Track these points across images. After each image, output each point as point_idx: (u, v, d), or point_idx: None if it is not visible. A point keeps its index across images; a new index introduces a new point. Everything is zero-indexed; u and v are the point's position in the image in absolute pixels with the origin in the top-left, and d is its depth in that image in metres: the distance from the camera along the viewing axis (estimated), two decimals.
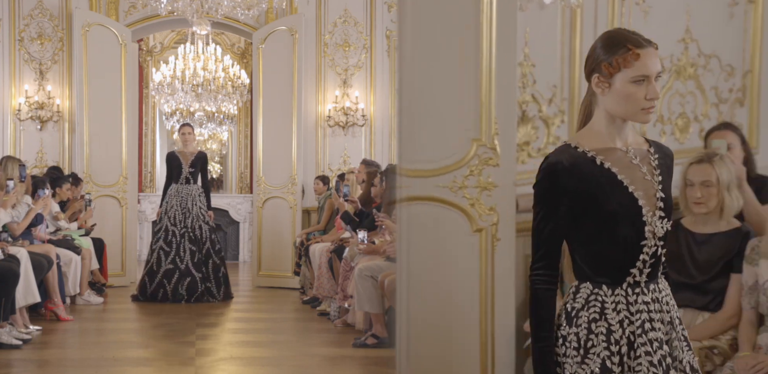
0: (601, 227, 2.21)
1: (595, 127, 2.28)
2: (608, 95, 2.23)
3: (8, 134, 10.50)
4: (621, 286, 2.23)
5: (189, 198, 9.31)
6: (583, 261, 2.26)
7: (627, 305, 2.22)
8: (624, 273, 2.23)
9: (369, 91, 10.81)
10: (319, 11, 10.78)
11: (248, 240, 13.97)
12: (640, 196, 2.22)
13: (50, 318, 7.59)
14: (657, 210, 2.24)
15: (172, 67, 11.86)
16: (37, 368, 5.77)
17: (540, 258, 2.26)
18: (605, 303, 2.22)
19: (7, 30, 10.47)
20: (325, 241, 8.78)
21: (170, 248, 9.22)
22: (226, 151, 15.51)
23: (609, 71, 2.21)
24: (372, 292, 6.42)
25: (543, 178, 2.23)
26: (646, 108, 2.21)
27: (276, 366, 5.80)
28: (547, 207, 2.23)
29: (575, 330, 2.23)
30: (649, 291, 2.25)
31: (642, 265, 2.23)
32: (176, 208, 9.29)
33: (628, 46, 2.19)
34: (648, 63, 2.19)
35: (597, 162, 2.23)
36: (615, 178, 2.22)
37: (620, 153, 2.26)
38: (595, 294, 2.24)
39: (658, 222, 2.23)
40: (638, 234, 2.22)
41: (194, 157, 9.42)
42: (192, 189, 9.37)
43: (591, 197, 2.20)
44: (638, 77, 2.19)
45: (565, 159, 2.21)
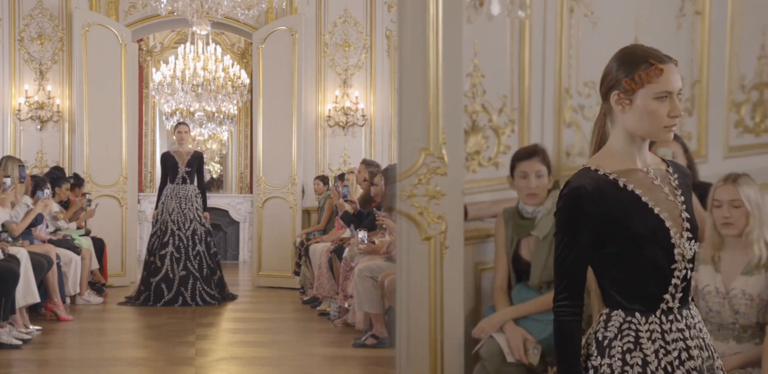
0: (629, 252, 2.12)
1: (614, 148, 2.20)
2: (629, 113, 2.15)
3: (8, 134, 10.50)
4: (655, 314, 2.14)
5: (186, 198, 9.09)
6: (612, 288, 2.16)
7: (662, 333, 2.13)
8: (657, 299, 2.14)
9: (369, 91, 10.81)
10: (319, 11, 10.78)
11: (248, 240, 13.97)
12: (666, 218, 2.14)
13: (50, 318, 7.59)
14: (684, 231, 2.16)
15: (172, 67, 11.86)
16: (37, 368, 5.77)
17: (564, 288, 2.15)
18: (639, 332, 2.13)
19: (7, 30, 10.48)
20: (325, 241, 8.78)
21: (180, 254, 8.97)
22: (226, 151, 15.51)
23: (631, 87, 2.13)
24: (372, 292, 6.42)
25: (566, 204, 2.13)
26: (668, 125, 2.14)
27: (276, 366, 5.80)
28: (570, 234, 2.13)
29: (608, 361, 2.13)
30: (683, 318, 2.16)
31: (674, 290, 2.15)
32: (178, 210, 9.06)
33: (650, 61, 2.12)
34: (671, 78, 2.12)
35: (620, 184, 2.14)
36: (639, 200, 2.14)
37: (641, 174, 2.19)
38: (629, 322, 2.14)
39: (687, 244, 2.16)
40: (668, 258, 2.14)
41: (190, 156, 9.17)
42: (188, 189, 9.13)
43: (617, 221, 2.11)
44: (661, 93, 2.12)
45: (588, 183, 2.12)
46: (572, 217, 2.12)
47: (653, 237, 2.12)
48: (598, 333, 2.17)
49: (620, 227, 2.11)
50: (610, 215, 2.11)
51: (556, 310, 2.15)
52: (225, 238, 14.55)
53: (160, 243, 9.02)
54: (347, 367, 5.87)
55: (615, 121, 2.19)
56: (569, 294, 2.14)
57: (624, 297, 2.15)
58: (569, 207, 2.12)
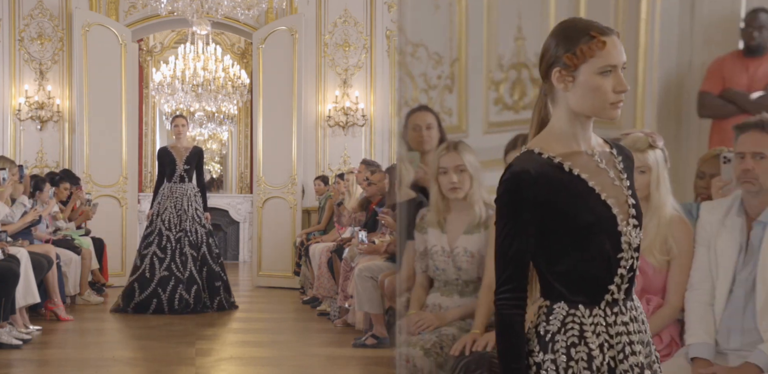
0: (576, 241, 1.98)
1: (557, 129, 2.04)
2: (572, 90, 1.99)
3: (8, 134, 10.50)
4: (599, 306, 2.01)
5: (184, 198, 8.37)
6: (555, 279, 2.02)
7: (606, 327, 2.00)
8: (602, 290, 2.01)
9: (369, 91, 10.81)
10: (319, 11, 10.78)
11: (248, 240, 13.97)
12: (613, 204, 2.01)
13: (50, 318, 7.59)
14: (630, 218, 2.03)
15: (172, 67, 11.86)
16: (37, 368, 5.77)
17: (507, 280, 2.00)
18: (584, 326, 1.99)
19: (7, 30, 10.47)
20: (325, 241, 8.78)
21: (165, 254, 8.24)
22: (226, 151, 15.51)
23: (573, 63, 1.98)
24: (372, 293, 6.41)
25: (507, 190, 1.97)
26: (614, 102, 1.99)
27: (276, 366, 5.80)
28: (513, 222, 1.97)
29: (552, 357, 1.99)
30: (627, 310, 2.04)
31: (620, 281, 2.02)
32: (170, 210, 8.34)
33: (591, 34, 1.97)
34: (614, 52, 1.98)
35: (565, 168, 1.99)
36: (586, 185, 1.99)
37: (586, 156, 2.04)
38: (572, 315, 2.00)
39: (633, 232, 2.02)
40: (614, 247, 2.00)
41: (189, 152, 8.48)
42: (187, 188, 8.43)
43: (563, 208, 1.97)
44: (605, 67, 1.97)
45: (531, 167, 1.96)
46: (515, 204, 1.97)
47: (600, 224, 1.99)
48: (540, 327, 2.03)
49: (566, 214, 1.97)
50: (555, 201, 1.97)
51: (499, 303, 2.00)
52: (225, 238, 14.55)
53: (146, 243, 8.41)
54: (347, 367, 5.87)
55: (557, 100, 2.04)
56: (513, 285, 1.99)
57: (567, 288, 2.01)
58: (512, 192, 1.97)
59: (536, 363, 2.01)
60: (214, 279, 8.40)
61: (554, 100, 2.05)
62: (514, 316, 1.99)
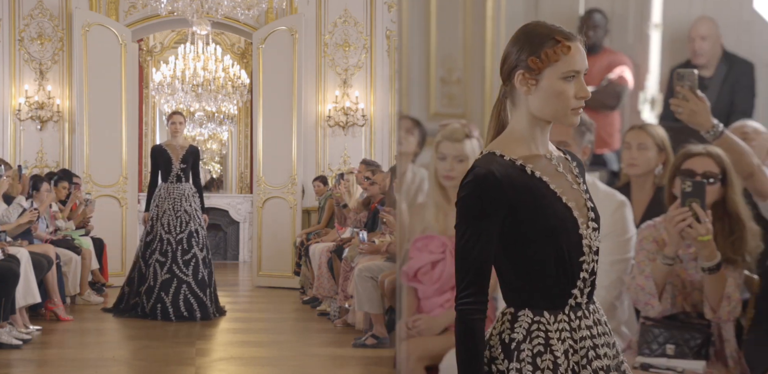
0: (538, 244, 1.96)
1: (517, 133, 2.02)
2: (534, 94, 1.98)
3: (8, 134, 10.51)
4: (563, 311, 1.98)
5: (182, 199, 7.97)
6: (518, 284, 1.99)
7: (571, 332, 1.98)
8: (565, 295, 1.98)
9: (369, 91, 10.81)
10: (319, 11, 10.78)
11: (248, 240, 13.97)
12: (573, 207, 1.99)
13: (50, 318, 7.59)
14: (589, 221, 2.01)
15: (172, 67, 11.85)
16: (37, 368, 5.77)
17: (469, 284, 1.94)
18: (549, 333, 1.96)
19: (7, 30, 10.48)
20: (325, 241, 8.78)
21: (165, 258, 7.86)
22: (226, 151, 15.51)
23: (537, 66, 1.96)
24: (372, 293, 6.42)
25: (471, 192, 1.93)
26: (575, 108, 1.98)
27: (276, 366, 5.80)
28: (476, 225, 1.93)
29: (517, 366, 1.95)
30: (590, 314, 2.02)
31: (582, 284, 1.99)
32: (170, 213, 7.92)
33: (556, 38, 1.97)
34: (578, 57, 1.98)
35: (528, 171, 1.98)
36: (548, 188, 1.98)
37: (545, 160, 2.03)
38: (537, 322, 1.97)
39: (593, 235, 2.01)
40: (576, 250, 1.98)
41: (185, 151, 8.09)
42: (184, 188, 8.01)
43: (527, 211, 1.95)
44: (569, 72, 1.97)
45: (496, 169, 1.94)
46: (479, 206, 1.93)
47: (563, 227, 1.97)
48: (504, 335, 1.99)
49: (529, 217, 1.95)
50: (519, 204, 1.94)
51: (461, 308, 1.95)
52: (225, 238, 14.55)
53: (149, 250, 7.96)
54: (347, 367, 5.87)
55: (517, 103, 2.02)
56: (474, 290, 1.94)
57: (530, 293, 1.98)
58: (477, 194, 1.92)
59: (500, 371, 1.97)
60: (204, 286, 7.93)
61: (514, 103, 2.03)
62: (476, 322, 1.94)
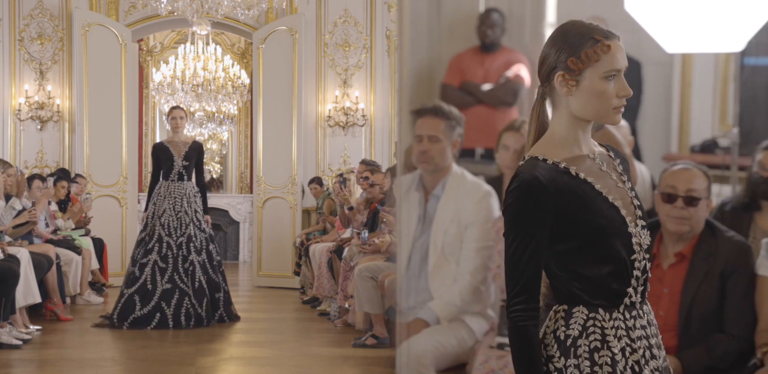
0: (589, 245, 1.95)
1: (558, 135, 2.01)
2: (576, 95, 1.96)
3: (8, 134, 10.51)
4: (618, 309, 1.97)
5: (183, 198, 7.55)
6: (571, 284, 1.97)
7: (627, 330, 1.97)
8: (620, 293, 1.97)
9: (369, 91, 10.81)
10: (319, 11, 10.78)
11: (248, 240, 13.97)
12: (621, 206, 1.98)
13: (50, 318, 7.59)
14: (638, 219, 2.00)
15: (172, 67, 11.85)
16: (37, 368, 5.77)
17: (521, 291, 1.94)
18: (605, 329, 1.95)
19: (7, 30, 10.48)
20: (326, 241, 8.79)
21: (166, 264, 7.42)
22: (226, 151, 15.51)
23: (577, 67, 1.94)
24: (372, 293, 6.42)
25: (519, 198, 1.92)
26: (617, 106, 1.97)
27: (276, 366, 5.80)
28: (525, 232, 1.93)
29: (575, 362, 1.94)
30: (644, 314, 2.01)
31: (636, 283, 1.98)
32: (170, 213, 7.50)
33: (596, 38, 1.95)
34: (618, 56, 1.96)
35: (572, 173, 1.96)
36: (594, 189, 1.97)
37: (589, 160, 2.01)
38: (593, 319, 1.96)
39: (642, 233, 2.00)
40: (627, 249, 1.97)
41: (188, 147, 7.67)
42: (186, 187, 7.59)
43: (575, 213, 1.93)
44: (610, 72, 1.95)
45: (541, 174, 1.92)
46: (528, 213, 1.92)
47: (612, 227, 1.95)
48: (559, 332, 1.97)
49: (579, 219, 1.94)
50: (567, 207, 1.93)
51: (513, 315, 1.94)
52: (225, 238, 14.56)
53: (143, 250, 7.53)
54: (347, 367, 5.87)
55: (558, 105, 2.01)
56: (527, 296, 1.94)
57: (586, 292, 1.96)
58: (524, 201, 1.92)
59: (557, 369, 1.95)
60: (215, 290, 7.62)
61: (554, 104, 2.02)
62: (530, 328, 1.94)
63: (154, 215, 7.54)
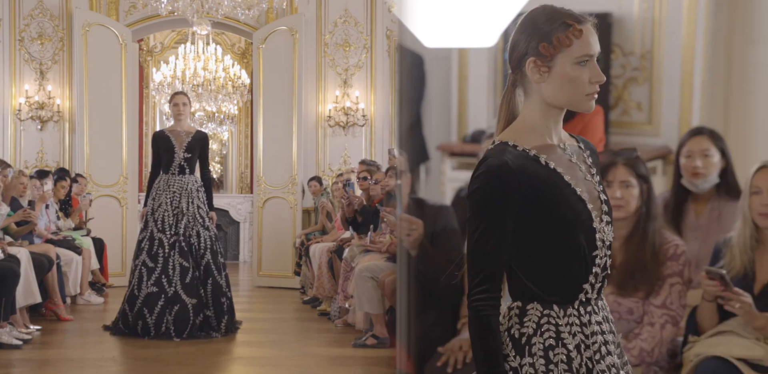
0: (552, 237, 1.89)
1: (529, 122, 1.94)
2: (548, 81, 1.90)
3: (8, 134, 10.51)
4: (573, 305, 1.92)
5: (183, 193, 6.85)
6: (528, 278, 1.92)
7: (581, 326, 1.92)
8: (576, 289, 1.92)
9: (369, 91, 10.81)
10: (319, 11, 10.78)
11: (248, 240, 13.98)
12: (587, 199, 1.92)
13: (50, 318, 7.59)
14: (603, 214, 1.95)
15: (172, 67, 11.87)
16: (37, 368, 5.77)
17: (484, 279, 1.87)
18: (559, 327, 1.91)
19: (7, 30, 10.48)
20: (326, 241, 8.79)
21: (155, 263, 6.73)
22: (227, 151, 15.52)
23: (549, 52, 1.88)
24: (372, 293, 6.42)
25: (486, 183, 1.86)
26: (590, 93, 1.91)
27: (276, 366, 5.80)
28: (491, 218, 1.86)
29: (530, 360, 1.90)
30: (599, 309, 1.96)
31: (594, 279, 1.93)
32: (165, 207, 6.82)
33: (568, 22, 1.89)
34: (591, 40, 1.90)
35: (542, 162, 1.91)
36: (562, 180, 1.91)
37: (559, 150, 1.95)
38: (547, 316, 1.91)
39: (606, 229, 1.94)
40: (589, 244, 1.91)
41: (191, 137, 6.98)
42: (187, 181, 6.90)
43: (542, 203, 1.88)
44: (583, 57, 1.89)
45: (509, 160, 1.86)
46: (493, 198, 1.85)
47: (577, 221, 1.89)
48: (513, 330, 1.93)
49: (544, 210, 1.88)
50: (533, 196, 1.87)
51: (475, 304, 1.88)
52: (225, 238, 14.57)
53: (137, 249, 6.94)
54: (347, 367, 5.87)
55: (529, 91, 1.94)
56: (489, 285, 1.88)
57: (541, 287, 1.91)
58: (491, 186, 1.85)
59: (512, 368, 1.91)
60: (220, 296, 6.89)
61: (526, 91, 1.95)
62: (491, 317, 1.88)
63: (151, 211, 6.88)
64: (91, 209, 9.75)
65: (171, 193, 6.86)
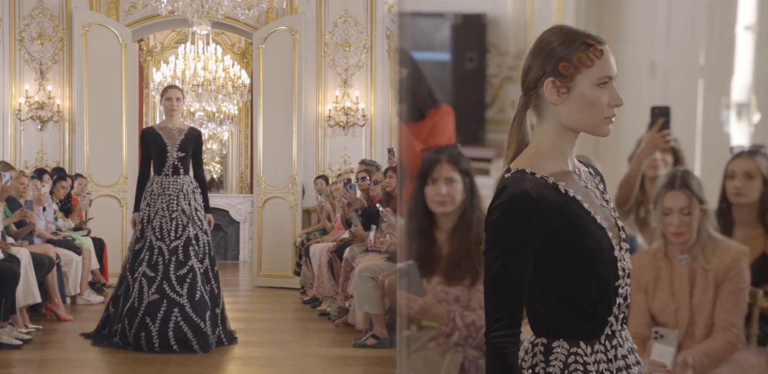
0: (574, 269, 1.81)
1: (544, 147, 1.86)
2: (567, 102, 1.83)
3: (8, 134, 10.51)
4: (599, 340, 1.84)
5: (180, 195, 6.40)
6: (551, 312, 1.84)
7: (608, 363, 1.84)
8: (601, 323, 1.84)
9: (369, 91, 10.81)
10: (319, 11, 10.78)
11: (248, 240, 13.97)
12: (607, 227, 1.85)
13: (50, 318, 7.59)
14: (621, 241, 1.88)
15: (172, 67, 11.87)
16: (37, 368, 5.77)
17: (503, 315, 1.78)
18: (587, 366, 1.82)
19: (7, 30, 10.48)
20: (326, 241, 8.79)
21: (155, 272, 6.26)
22: (227, 151, 15.51)
23: (569, 72, 1.82)
24: (372, 293, 6.42)
25: (505, 214, 1.77)
26: (609, 116, 1.84)
27: (276, 366, 5.80)
28: (511, 250, 1.77)
29: None
30: (624, 341, 1.89)
31: (617, 311, 1.86)
32: (163, 213, 6.36)
33: (588, 42, 1.82)
34: (611, 61, 1.84)
35: (561, 189, 1.82)
36: (582, 208, 1.83)
37: (575, 177, 1.88)
38: (574, 354, 1.83)
39: (626, 256, 1.88)
40: (612, 274, 1.83)
41: (184, 135, 6.49)
42: (182, 182, 6.45)
43: (563, 233, 1.79)
44: (603, 78, 1.82)
45: (530, 188, 1.78)
46: (514, 229, 1.77)
47: (600, 250, 1.82)
48: (538, 368, 1.84)
49: (566, 240, 1.80)
50: (556, 225, 1.79)
51: (495, 341, 1.77)
52: (225, 238, 14.56)
53: (137, 260, 6.40)
54: (347, 367, 5.87)
55: (544, 114, 1.87)
56: (509, 322, 1.78)
57: (565, 322, 1.84)
58: (512, 217, 1.77)
59: None
60: (215, 305, 6.43)
61: (541, 114, 1.88)
62: (512, 355, 1.79)
63: (148, 219, 6.40)
64: (91, 209, 9.75)
65: (167, 197, 6.39)
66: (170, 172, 6.44)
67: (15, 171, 7.73)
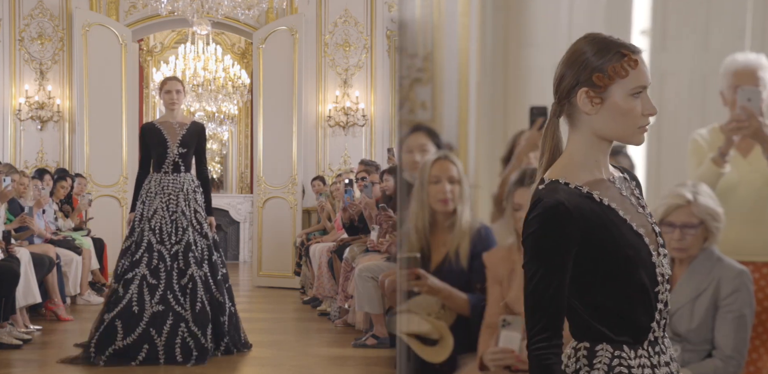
0: (613, 277, 1.82)
1: (577, 156, 1.87)
2: (600, 113, 1.83)
3: (8, 134, 10.51)
4: (643, 346, 1.85)
5: (180, 195, 5.96)
6: (593, 318, 1.84)
7: (652, 368, 1.85)
8: (644, 329, 1.85)
9: (369, 91, 10.81)
10: (319, 11, 10.78)
11: (248, 240, 13.98)
12: (644, 234, 1.85)
13: (50, 318, 7.59)
14: (659, 247, 1.88)
15: (172, 67, 11.87)
16: (37, 368, 5.76)
17: (544, 327, 1.79)
18: (632, 369, 1.83)
19: (7, 30, 10.48)
20: (326, 241, 8.79)
21: (157, 279, 5.81)
22: (227, 151, 15.51)
23: (603, 83, 1.81)
24: (372, 293, 6.42)
25: (542, 225, 1.78)
26: (642, 125, 1.84)
27: (276, 366, 5.79)
28: (549, 262, 1.78)
29: None
30: (666, 349, 1.89)
31: (659, 316, 1.86)
32: (162, 214, 5.92)
33: (622, 52, 1.82)
34: (645, 71, 1.83)
35: (596, 198, 1.83)
36: (618, 216, 1.84)
37: (609, 184, 1.88)
38: (618, 358, 1.83)
39: (664, 262, 1.88)
40: (651, 280, 1.84)
41: (186, 130, 6.07)
42: (183, 181, 6.00)
43: (601, 242, 1.80)
44: (637, 88, 1.82)
45: (566, 199, 1.78)
46: (552, 241, 1.78)
47: (638, 258, 1.83)
48: (582, 373, 1.85)
49: (604, 249, 1.81)
50: (592, 235, 1.80)
51: (537, 353, 1.79)
52: (225, 238, 14.57)
53: (129, 262, 5.89)
54: (347, 367, 5.87)
55: (578, 124, 1.87)
56: (551, 333, 1.79)
57: (609, 328, 1.84)
58: (549, 229, 1.78)
59: None
60: (219, 313, 6.00)
61: (574, 123, 1.88)
62: (555, 366, 1.79)
63: (143, 217, 5.96)
64: (91, 209, 9.75)
65: (166, 196, 5.95)
66: (170, 169, 6.00)
67: (18, 174, 7.72)
